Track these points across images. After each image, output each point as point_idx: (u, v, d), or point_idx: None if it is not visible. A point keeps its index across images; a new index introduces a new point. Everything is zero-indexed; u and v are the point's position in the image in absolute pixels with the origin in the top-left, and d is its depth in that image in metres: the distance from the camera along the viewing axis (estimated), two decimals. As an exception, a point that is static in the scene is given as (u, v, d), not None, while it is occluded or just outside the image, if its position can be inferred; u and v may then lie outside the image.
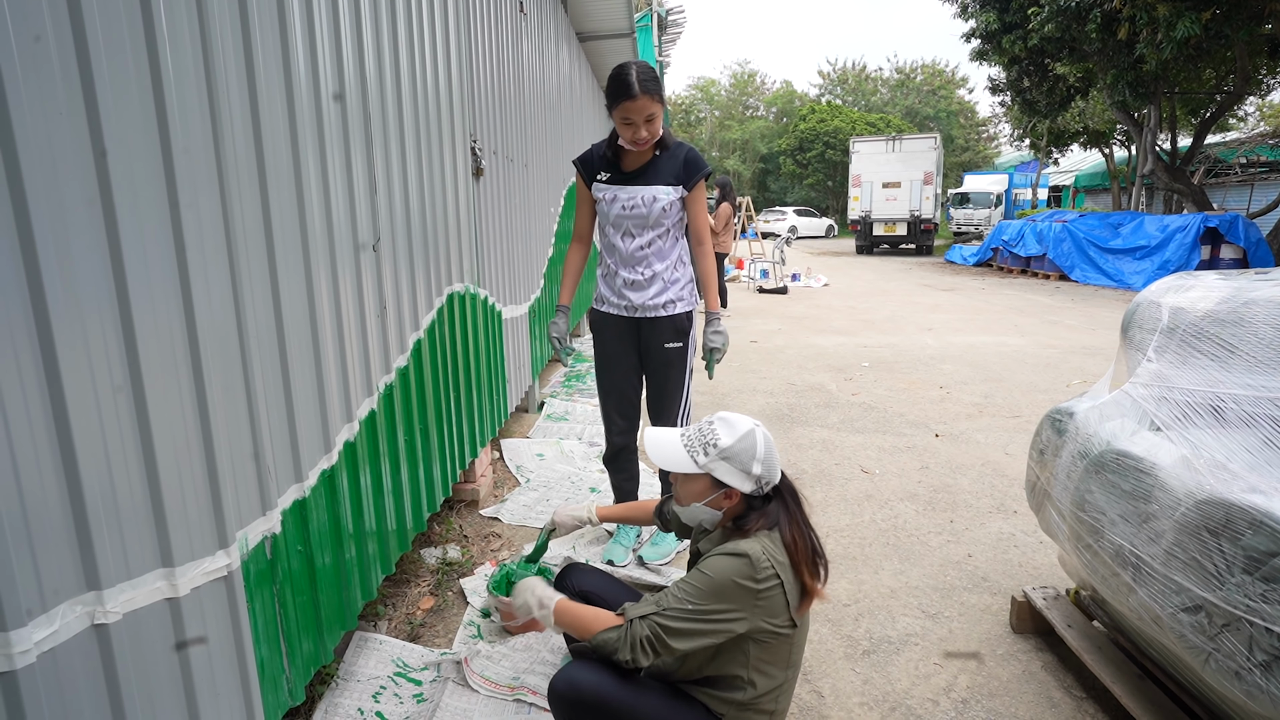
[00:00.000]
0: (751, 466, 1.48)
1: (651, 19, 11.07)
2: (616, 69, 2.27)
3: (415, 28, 2.35)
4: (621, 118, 2.29)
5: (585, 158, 2.54)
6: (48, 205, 0.97)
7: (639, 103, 2.24)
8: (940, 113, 40.23)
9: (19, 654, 0.93)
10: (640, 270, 2.49)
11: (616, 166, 2.46)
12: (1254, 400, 1.51)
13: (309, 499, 1.64)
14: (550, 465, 3.77)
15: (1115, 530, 1.67)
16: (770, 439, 1.52)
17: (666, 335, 2.55)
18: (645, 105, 2.25)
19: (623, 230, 2.48)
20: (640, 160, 2.45)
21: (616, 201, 2.44)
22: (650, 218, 2.43)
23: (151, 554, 1.16)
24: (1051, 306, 9.94)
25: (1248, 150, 15.94)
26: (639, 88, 2.22)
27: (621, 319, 2.57)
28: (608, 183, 2.46)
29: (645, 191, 2.41)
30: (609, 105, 2.29)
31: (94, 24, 1.02)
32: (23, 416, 0.95)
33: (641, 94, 2.22)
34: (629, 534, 2.79)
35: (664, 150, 2.44)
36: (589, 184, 2.52)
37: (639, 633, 1.39)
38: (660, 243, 2.48)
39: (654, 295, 2.51)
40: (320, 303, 1.68)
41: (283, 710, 1.54)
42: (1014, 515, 3.19)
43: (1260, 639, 1.28)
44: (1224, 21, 9.98)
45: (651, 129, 2.31)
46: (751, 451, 1.48)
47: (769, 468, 1.49)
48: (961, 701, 2.00)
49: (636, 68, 2.24)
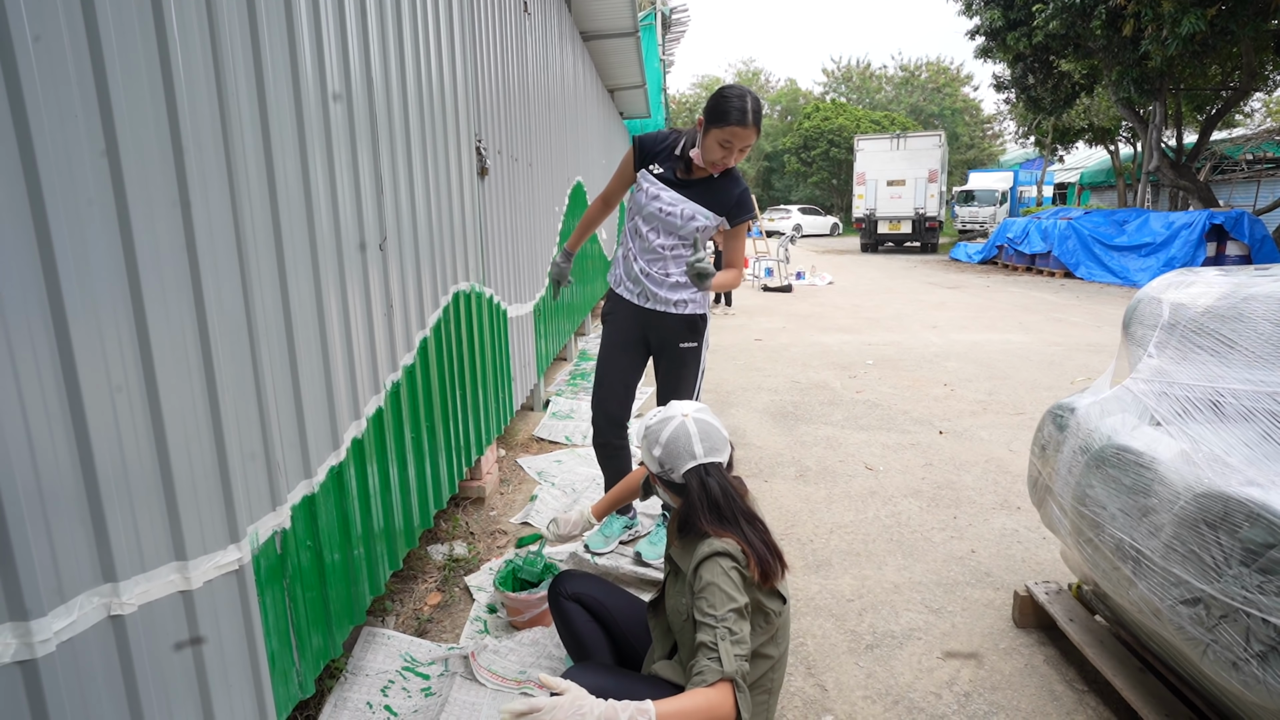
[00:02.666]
0: (654, 450, 1.58)
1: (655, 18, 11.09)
2: (727, 89, 2.24)
3: (420, 28, 2.37)
4: (720, 140, 2.25)
5: (648, 143, 2.49)
6: (64, 204, 1.00)
7: (746, 132, 2.22)
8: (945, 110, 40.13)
9: (39, 643, 0.96)
10: (658, 267, 2.51)
11: (675, 168, 2.44)
12: (1253, 395, 1.52)
13: (318, 495, 1.66)
14: (572, 469, 3.76)
15: (1116, 524, 1.68)
16: (690, 430, 1.56)
17: (682, 334, 2.56)
18: (749, 136, 2.24)
19: (652, 225, 2.49)
20: (699, 174, 2.43)
21: (658, 200, 2.44)
22: (681, 230, 2.44)
23: (165, 547, 1.19)
24: (1056, 304, 9.92)
25: (1254, 147, 15.88)
26: (751, 118, 2.20)
27: (633, 306, 2.59)
28: (659, 178, 2.45)
29: (687, 206, 2.42)
30: (709, 122, 2.25)
31: (107, 26, 1.05)
32: (41, 410, 0.98)
33: (751, 125, 2.21)
34: (613, 524, 2.82)
35: (724, 175, 2.43)
36: (638, 166, 2.50)
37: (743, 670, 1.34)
38: (683, 250, 2.50)
39: (668, 292, 2.53)
40: (328, 301, 1.70)
41: (293, 703, 1.57)
42: (1017, 511, 3.20)
43: (1257, 630, 1.29)
44: (1229, 17, 9.94)
45: (739, 158, 2.33)
46: (656, 436, 1.58)
47: (669, 454, 1.56)
48: (964, 695, 2.02)
49: (751, 98, 2.23)
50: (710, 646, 1.34)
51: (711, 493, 1.52)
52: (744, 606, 1.39)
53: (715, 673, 1.31)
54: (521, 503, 3.36)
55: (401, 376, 2.21)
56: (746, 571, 1.44)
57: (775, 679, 1.55)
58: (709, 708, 1.29)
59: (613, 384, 2.66)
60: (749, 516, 1.53)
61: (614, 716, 1.22)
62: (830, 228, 30.73)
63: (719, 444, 1.59)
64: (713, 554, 1.44)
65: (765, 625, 1.49)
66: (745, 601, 1.40)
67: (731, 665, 1.32)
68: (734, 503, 1.53)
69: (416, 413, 2.35)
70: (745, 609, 1.40)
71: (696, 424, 1.58)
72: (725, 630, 1.34)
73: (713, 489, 1.53)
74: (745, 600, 1.41)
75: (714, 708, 1.29)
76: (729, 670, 1.31)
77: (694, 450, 1.55)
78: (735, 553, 1.44)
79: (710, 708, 1.29)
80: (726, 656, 1.32)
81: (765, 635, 1.49)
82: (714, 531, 1.47)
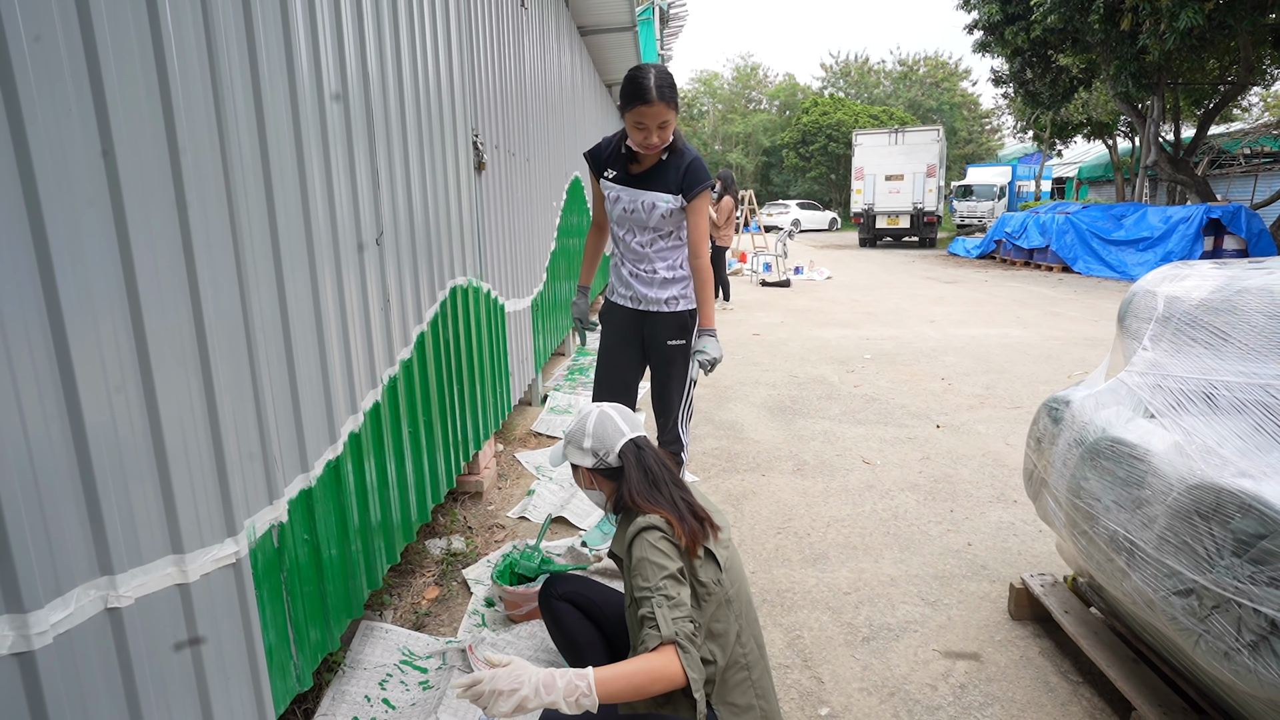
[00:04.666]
0: (584, 442, 1.63)
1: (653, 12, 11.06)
2: (633, 71, 2.23)
3: (416, 23, 2.37)
4: (634, 121, 2.26)
5: (594, 152, 2.54)
6: (59, 204, 1.00)
7: (654, 108, 2.20)
8: (943, 105, 40.05)
9: (36, 635, 0.96)
10: (643, 266, 2.52)
11: (624, 165, 2.45)
12: (1245, 387, 1.53)
13: (315, 489, 1.67)
14: None
15: (1110, 516, 1.69)
16: (610, 414, 1.65)
17: (670, 332, 2.56)
18: (660, 112, 2.21)
19: (625, 228, 2.51)
20: (647, 163, 2.43)
21: (619, 202, 2.46)
22: (649, 222, 2.45)
23: (162, 541, 1.19)
24: (1054, 298, 9.93)
25: (1251, 141, 15.86)
26: (655, 93, 2.18)
27: (628, 310, 2.60)
28: (613, 181, 2.47)
29: (645, 197, 2.41)
30: (622, 107, 2.26)
31: (102, 26, 1.05)
32: (38, 406, 0.98)
33: (658, 100, 2.18)
34: (611, 520, 2.83)
35: (671, 154, 2.41)
36: (598, 177, 2.53)
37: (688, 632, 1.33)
38: (662, 243, 2.50)
39: (657, 290, 2.53)
40: (325, 296, 1.70)
41: (291, 696, 1.57)
42: (1014, 504, 3.21)
43: (1248, 620, 1.30)
44: (1227, 12, 9.93)
45: (663, 135, 2.29)
46: (582, 429, 1.64)
47: (600, 440, 1.61)
48: (960, 687, 2.03)
49: (655, 72, 2.20)
50: (649, 617, 1.34)
51: (645, 461, 1.59)
52: (678, 571, 1.40)
53: (655, 638, 1.31)
54: (519, 497, 3.37)
55: (399, 371, 2.21)
56: (675, 539, 1.45)
57: (748, 655, 1.52)
58: (649, 670, 1.28)
59: (613, 383, 2.67)
60: (676, 482, 1.59)
61: (551, 682, 1.24)
62: (828, 223, 30.69)
63: (638, 424, 1.68)
64: (639, 531, 1.46)
65: (707, 597, 1.46)
66: (678, 566, 1.41)
67: (669, 628, 1.31)
68: (664, 469, 1.59)
69: (414, 407, 2.35)
70: (680, 573, 1.41)
71: (614, 409, 1.67)
72: (661, 598, 1.35)
73: (647, 459, 1.59)
74: (678, 565, 1.41)
75: (654, 670, 1.28)
76: (667, 633, 1.30)
77: (621, 429, 1.63)
78: (660, 524, 1.45)
79: (651, 670, 1.28)
80: (664, 621, 1.32)
81: (712, 606, 1.47)
82: (645, 506, 1.49)
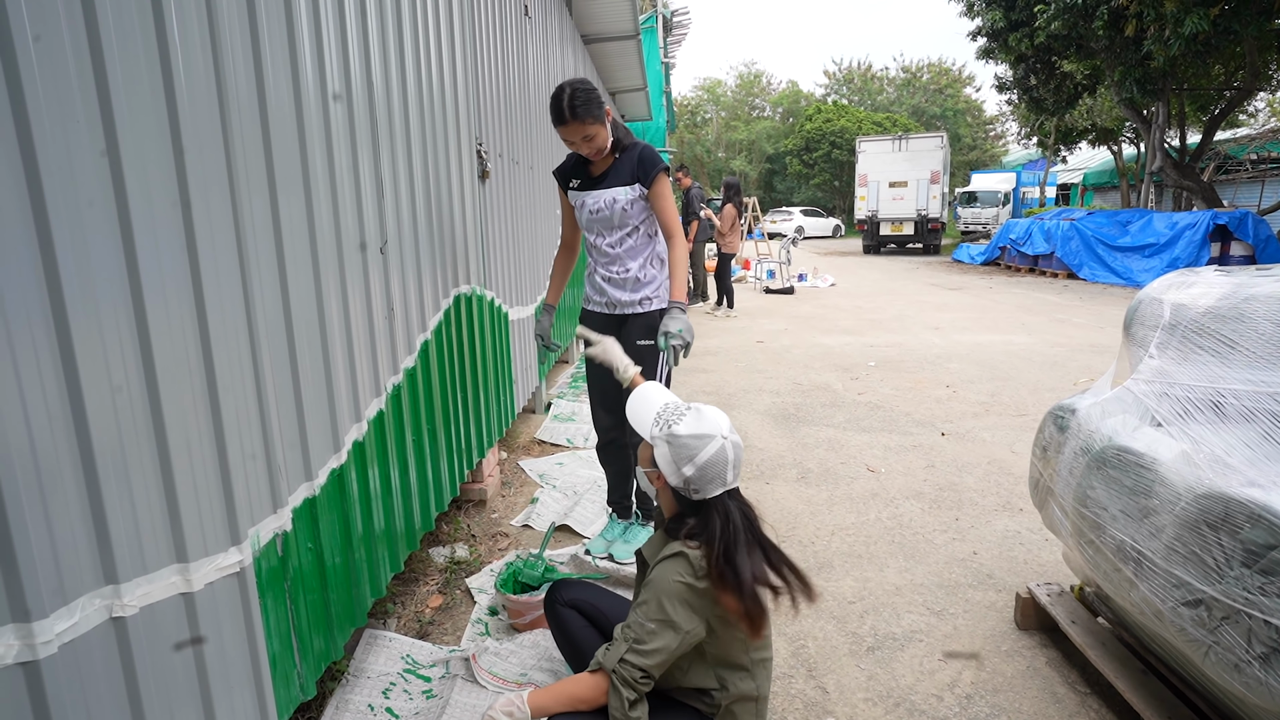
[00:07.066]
0: (684, 465, 1.46)
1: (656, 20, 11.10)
2: (555, 91, 2.32)
3: (421, 30, 2.38)
4: (564, 139, 2.38)
5: (561, 168, 2.65)
6: (64, 204, 1.00)
7: (569, 127, 2.31)
8: (947, 111, 40.08)
9: (41, 644, 0.96)
10: (615, 269, 2.57)
11: (586, 173, 2.56)
12: (1253, 395, 1.52)
13: (319, 498, 1.67)
14: (573, 471, 3.76)
15: (1117, 525, 1.68)
16: (728, 456, 1.47)
17: (639, 333, 2.59)
18: (576, 129, 2.31)
19: (595, 232, 2.59)
20: (602, 165, 2.54)
21: (585, 206, 2.55)
22: (614, 219, 2.51)
23: (166, 550, 1.19)
24: (1059, 305, 9.90)
25: (1258, 146, 15.81)
26: (569, 113, 2.27)
27: (604, 316, 2.64)
28: (578, 189, 2.57)
29: (605, 194, 2.50)
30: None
31: (107, 26, 1.06)
32: (42, 411, 0.98)
33: (571, 120, 2.28)
34: (614, 529, 2.82)
35: (622, 152, 2.52)
36: (565, 190, 2.63)
37: (627, 676, 1.36)
38: (630, 241, 2.55)
39: (630, 292, 2.57)
40: (329, 304, 1.71)
41: (294, 705, 1.57)
42: (1019, 513, 3.19)
43: (1259, 631, 1.29)
44: (1233, 17, 9.91)
45: (593, 145, 2.38)
46: (692, 451, 1.45)
47: (702, 478, 1.45)
48: (965, 697, 2.01)
49: (569, 91, 2.27)
50: (617, 640, 1.39)
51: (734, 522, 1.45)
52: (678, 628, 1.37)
53: (597, 663, 1.38)
54: (523, 505, 3.36)
55: (403, 379, 2.21)
56: (699, 582, 1.40)
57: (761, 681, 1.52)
58: (574, 693, 1.38)
59: (604, 387, 2.68)
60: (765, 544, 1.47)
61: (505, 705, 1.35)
62: (832, 229, 30.69)
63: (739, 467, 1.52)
64: (671, 555, 1.43)
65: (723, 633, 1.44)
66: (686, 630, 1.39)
67: (612, 662, 1.37)
68: (753, 526, 1.48)
69: (418, 415, 2.35)
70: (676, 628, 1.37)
71: (734, 449, 1.48)
72: (635, 637, 1.38)
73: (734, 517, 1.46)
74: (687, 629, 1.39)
75: (579, 693, 1.38)
76: (607, 665, 1.37)
77: (726, 477, 1.47)
78: (695, 560, 1.41)
79: (576, 693, 1.38)
80: (614, 653, 1.38)
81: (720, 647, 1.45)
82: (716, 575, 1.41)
